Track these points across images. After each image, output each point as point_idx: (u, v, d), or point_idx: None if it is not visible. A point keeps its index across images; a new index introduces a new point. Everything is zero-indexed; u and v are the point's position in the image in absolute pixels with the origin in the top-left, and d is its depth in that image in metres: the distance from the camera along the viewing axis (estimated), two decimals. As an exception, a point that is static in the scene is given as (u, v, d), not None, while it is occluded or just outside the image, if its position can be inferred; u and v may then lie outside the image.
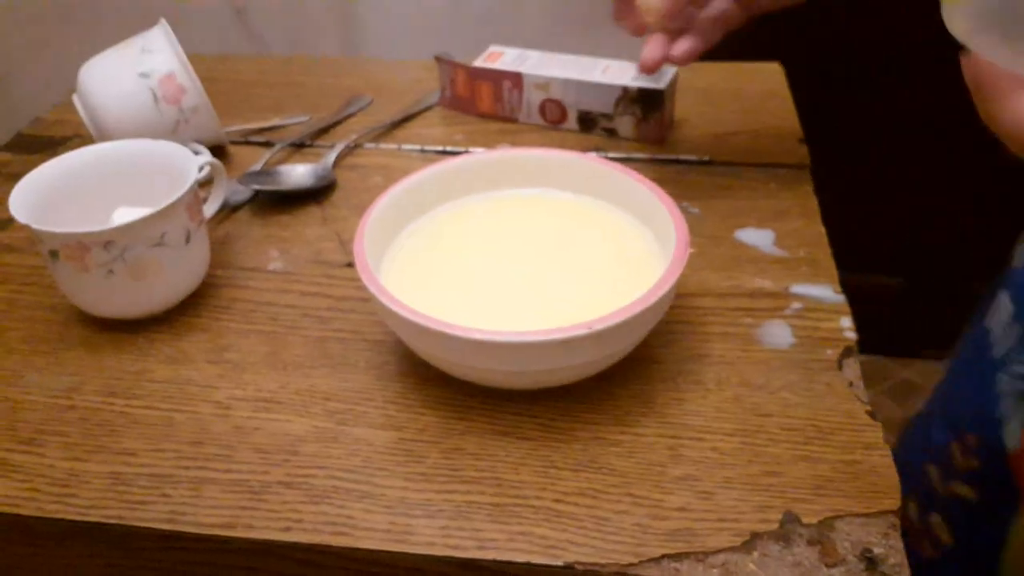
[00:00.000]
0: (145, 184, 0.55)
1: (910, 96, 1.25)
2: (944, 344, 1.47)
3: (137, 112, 0.64)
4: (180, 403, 0.47)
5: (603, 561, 0.38)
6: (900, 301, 1.43)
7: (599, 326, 0.40)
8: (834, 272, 0.54)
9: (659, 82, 0.67)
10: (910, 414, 1.41)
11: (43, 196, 0.52)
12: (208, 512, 0.41)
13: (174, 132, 0.65)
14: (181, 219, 0.50)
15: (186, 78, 0.64)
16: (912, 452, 0.65)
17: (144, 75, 0.64)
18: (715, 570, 0.38)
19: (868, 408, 0.45)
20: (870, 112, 1.28)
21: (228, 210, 0.63)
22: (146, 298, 0.51)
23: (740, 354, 0.49)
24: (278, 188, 0.63)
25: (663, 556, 0.38)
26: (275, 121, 0.74)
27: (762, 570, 0.37)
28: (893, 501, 0.40)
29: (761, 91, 0.76)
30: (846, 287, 0.53)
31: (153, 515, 0.41)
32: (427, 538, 0.39)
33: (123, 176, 0.56)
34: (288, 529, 0.40)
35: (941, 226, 1.35)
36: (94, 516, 0.41)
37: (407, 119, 0.74)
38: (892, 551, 0.38)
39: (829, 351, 0.49)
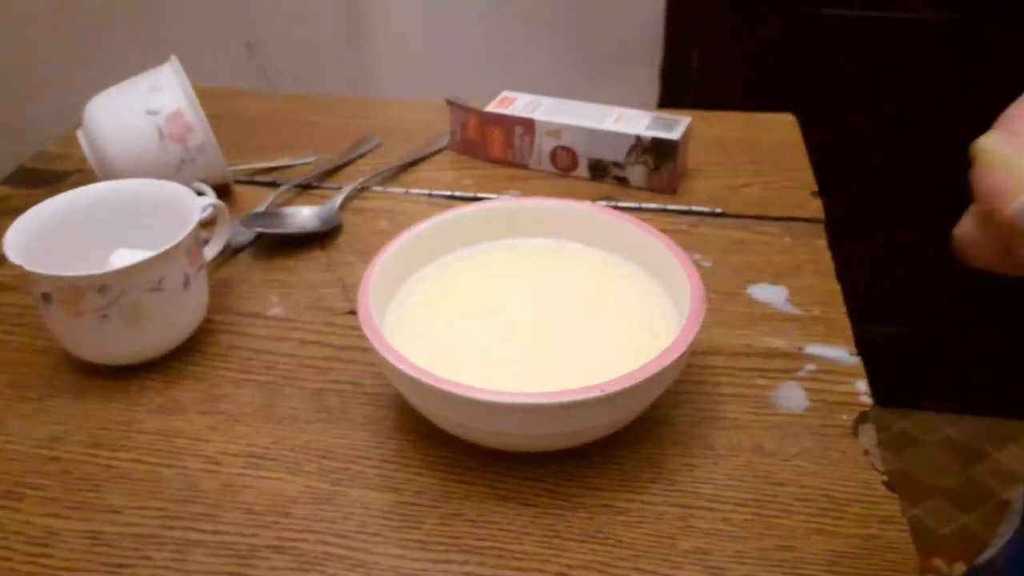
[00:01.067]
0: (146, 225, 0.53)
1: (923, 149, 1.24)
2: (942, 395, 1.45)
3: (142, 149, 0.63)
4: (169, 457, 0.45)
5: (608, 643, 0.36)
6: (899, 351, 1.41)
7: (611, 389, 0.38)
8: (849, 333, 0.53)
9: (673, 132, 0.65)
10: (907, 466, 1.40)
11: (40, 235, 0.51)
12: (192, 577, 0.39)
13: (178, 171, 0.64)
14: (180, 263, 0.49)
15: (193, 116, 0.63)
16: None
17: (152, 112, 0.63)
18: (727, 656, 0.35)
19: (885, 478, 0.43)
20: (884, 165, 1.27)
21: (229, 252, 0.61)
22: (140, 344, 0.49)
23: (753, 418, 0.47)
24: (282, 231, 0.62)
25: (672, 639, 0.36)
26: (282, 161, 0.73)
27: (777, 657, 0.35)
28: (914, 582, 0.38)
29: (775, 142, 0.75)
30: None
31: (133, 580, 0.39)
32: (422, 613, 0.37)
33: (124, 216, 0.54)
34: (276, 598, 0.38)
35: (943, 277, 1.34)
36: (69, 579, 0.39)
37: (415, 162, 0.73)
38: (915, 639, 0.36)
39: (844, 416, 0.47)
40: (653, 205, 0.66)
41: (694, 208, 0.65)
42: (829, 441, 0.45)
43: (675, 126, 0.66)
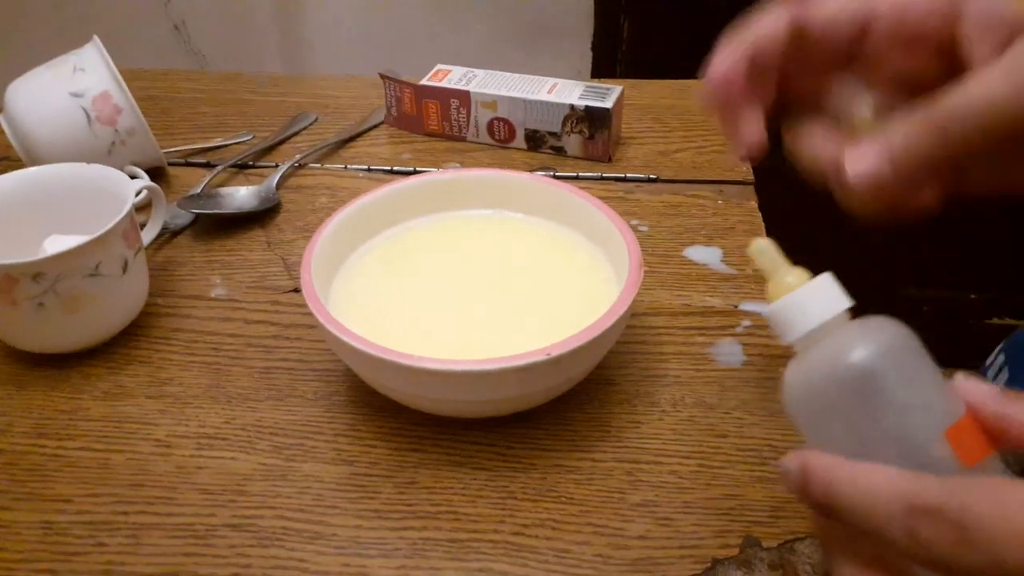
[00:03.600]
0: (79, 210, 0.52)
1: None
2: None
3: (69, 134, 0.61)
4: (117, 443, 0.45)
5: (564, 595, 0.37)
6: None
7: (557, 351, 0.39)
8: (784, 289, 0.55)
9: (605, 100, 0.66)
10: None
11: (-33, 225, 0.49)
12: (149, 561, 0.39)
13: (109, 155, 0.62)
14: (117, 247, 0.48)
15: (122, 98, 0.62)
16: None
17: (76, 95, 0.61)
18: (677, 599, 0.37)
19: (822, 426, 0.45)
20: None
21: (168, 235, 0.60)
22: (80, 332, 0.48)
23: (694, 374, 0.48)
24: (220, 211, 0.61)
25: (625, 587, 0.37)
26: (217, 141, 0.72)
27: (724, 597, 0.37)
28: (851, 521, 0.40)
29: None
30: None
31: (89, 567, 0.38)
32: (383, 578, 0.38)
33: (55, 202, 0.53)
34: (236, 575, 0.38)
35: (880, 239, 1.38)
36: (23, 571, 0.38)
37: (353, 138, 0.72)
38: (852, 573, 0.38)
39: (781, 368, 0.48)
40: (590, 173, 0.67)
41: (629, 175, 0.67)
42: (767, 393, 0.47)
43: (607, 95, 0.67)
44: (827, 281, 0.30)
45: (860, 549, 0.26)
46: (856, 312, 0.30)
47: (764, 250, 0.31)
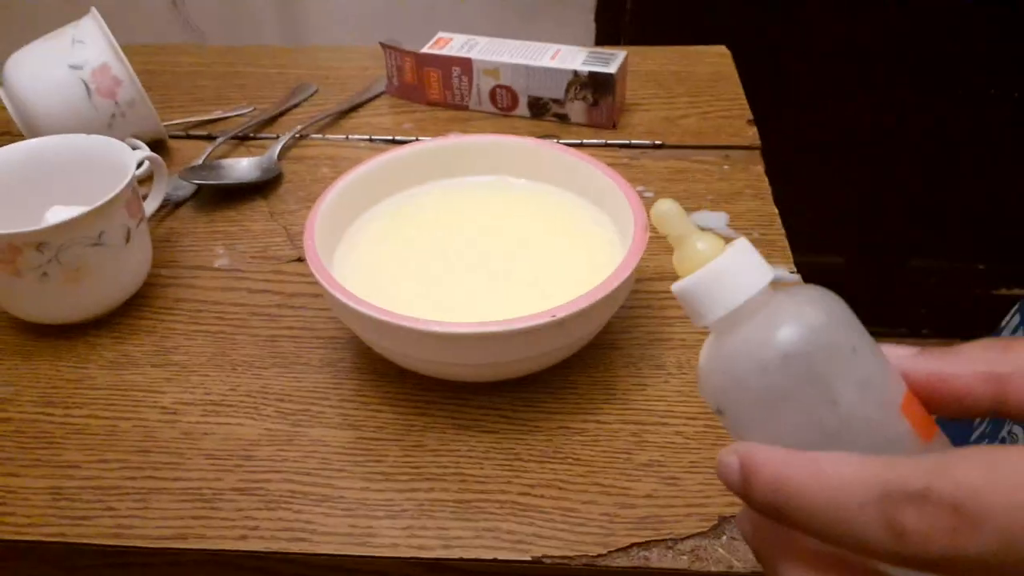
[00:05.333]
0: (80, 182, 0.52)
1: (859, 82, 1.26)
2: (883, 322, 1.50)
3: (69, 106, 0.61)
4: (124, 410, 0.45)
5: (572, 554, 0.37)
6: (840, 279, 1.45)
7: (562, 314, 0.39)
8: (788, 252, 0.54)
9: (609, 66, 0.66)
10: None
11: (-31, 197, 0.49)
12: (157, 524, 0.39)
13: (110, 127, 0.62)
14: (120, 217, 0.48)
15: (121, 70, 0.61)
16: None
17: (76, 67, 0.61)
18: (684, 556, 0.37)
19: (828, 387, 0.45)
20: (819, 98, 1.30)
21: (170, 207, 0.60)
22: (84, 302, 0.48)
23: (700, 337, 0.48)
24: (222, 182, 0.61)
25: (632, 545, 0.37)
26: (217, 113, 0.71)
27: (731, 554, 0.37)
28: (857, 479, 0.40)
29: (709, 74, 0.76)
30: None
31: (98, 530, 0.39)
32: (390, 539, 0.38)
33: (56, 174, 0.53)
34: (244, 538, 0.38)
35: (881, 206, 1.38)
36: (33, 534, 0.39)
37: (354, 108, 0.72)
38: (859, 529, 0.38)
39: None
40: (594, 140, 0.66)
41: (634, 141, 0.66)
42: (773, 355, 0.47)
43: (611, 60, 0.66)
44: (745, 248, 0.24)
45: (807, 550, 0.22)
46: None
47: (669, 214, 0.25)
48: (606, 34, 1.28)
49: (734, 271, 0.24)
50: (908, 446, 0.22)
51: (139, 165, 0.54)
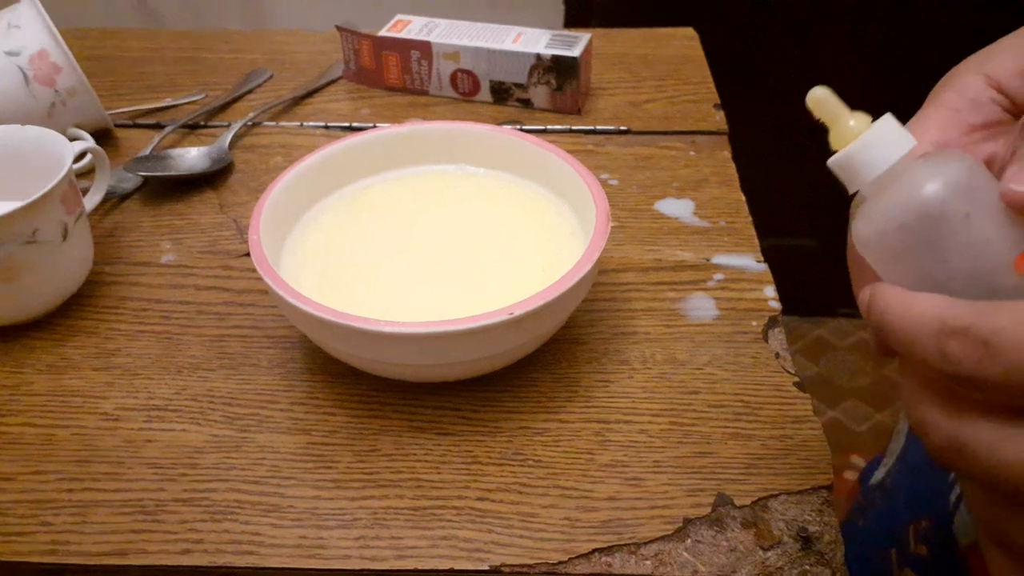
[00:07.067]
0: (14, 176, 0.50)
1: (827, 56, 1.25)
2: (853, 303, 1.51)
3: (6, 95, 0.58)
4: (62, 417, 0.42)
5: (532, 561, 0.36)
6: (812, 261, 1.45)
7: (520, 311, 0.37)
8: (755, 241, 0.53)
9: (572, 49, 0.64)
10: (824, 371, 1.45)
11: None
12: (96, 539, 0.37)
13: (50, 116, 0.59)
14: (56, 212, 0.45)
15: (60, 56, 0.58)
16: (880, 523, 0.56)
17: (12, 53, 0.58)
18: (648, 561, 0.36)
19: (796, 379, 0.44)
20: (785, 75, 1.29)
21: (115, 200, 0.58)
22: (19, 302, 0.46)
23: (665, 330, 0.47)
24: (169, 173, 0.58)
25: (593, 551, 0.36)
26: (167, 101, 0.69)
27: (696, 558, 0.36)
28: (826, 476, 0.39)
29: (676, 57, 0.74)
30: (761, 251, 0.52)
31: (32, 547, 0.36)
32: (342, 551, 0.36)
33: (-11, 167, 0.50)
34: (187, 552, 0.36)
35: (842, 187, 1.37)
36: (-38, 553, 0.37)
37: (310, 94, 0.69)
38: (827, 528, 0.37)
39: (754, 322, 0.47)
40: (558, 126, 0.64)
41: (599, 127, 0.64)
42: (740, 347, 0.46)
43: (575, 43, 0.65)
44: (890, 123, 0.29)
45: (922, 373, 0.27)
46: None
47: (823, 98, 0.29)
48: (576, 16, 1.26)
49: (879, 143, 0.28)
50: (1014, 296, 0.26)
51: (80, 157, 0.51)
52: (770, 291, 0.49)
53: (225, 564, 0.36)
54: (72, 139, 0.50)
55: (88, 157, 0.53)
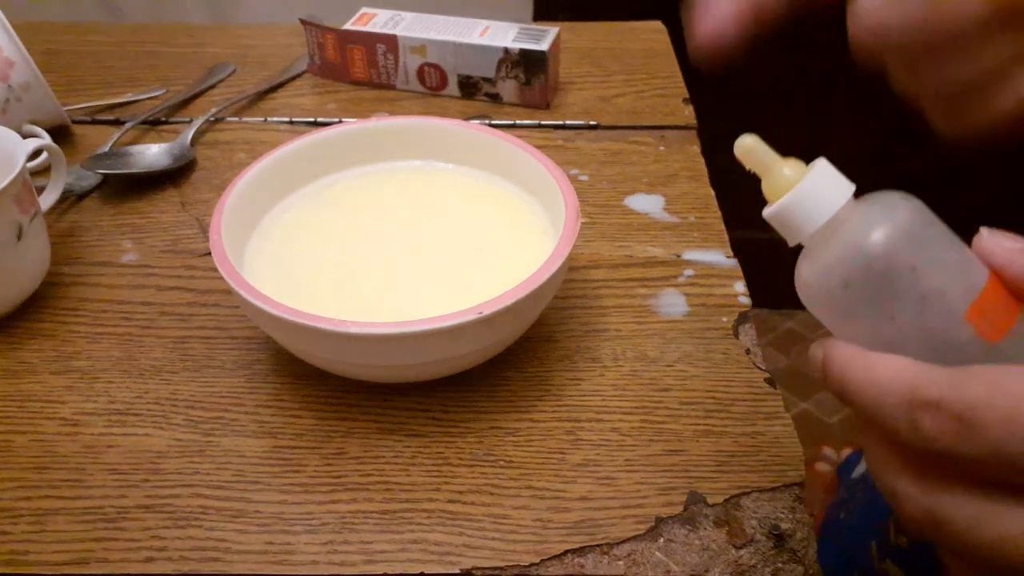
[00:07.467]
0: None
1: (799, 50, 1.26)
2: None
3: (-43, 90, 0.56)
4: (20, 423, 0.41)
5: (503, 564, 0.35)
6: (782, 255, 1.46)
7: (489, 310, 0.37)
8: (725, 237, 0.53)
9: (541, 43, 0.63)
10: (795, 363, 1.46)
11: None
12: (56, 548, 0.36)
13: (3, 112, 0.57)
14: (8, 212, 0.44)
15: (13, 50, 0.57)
16: (861, 517, 0.57)
17: (-37, 48, 0.56)
18: (620, 562, 0.36)
19: (767, 375, 0.44)
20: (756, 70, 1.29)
21: (73, 198, 0.56)
22: (-27, 305, 0.45)
23: (636, 327, 0.47)
24: (129, 171, 0.57)
25: (566, 552, 0.36)
26: (127, 96, 0.67)
27: (669, 557, 0.36)
28: (797, 473, 0.39)
29: (644, 50, 0.74)
30: (732, 244, 0.52)
31: (-13, 558, 0.35)
32: (310, 556, 0.35)
33: (-61, 165, 0.49)
34: (150, 560, 0.35)
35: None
36: (-86, 566, 0.35)
37: (274, 89, 0.68)
38: (799, 525, 0.37)
39: (724, 318, 0.47)
40: (527, 121, 0.64)
41: (568, 122, 0.64)
42: (711, 343, 0.46)
43: (543, 37, 0.64)
44: (825, 169, 0.27)
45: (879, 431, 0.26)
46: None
47: (751, 147, 0.28)
48: (543, 8, 1.25)
49: (818, 192, 0.27)
50: (969, 350, 0.25)
51: (36, 154, 0.50)
52: (740, 286, 0.49)
53: (190, 572, 0.35)
54: (27, 136, 0.49)
55: (44, 155, 0.51)
